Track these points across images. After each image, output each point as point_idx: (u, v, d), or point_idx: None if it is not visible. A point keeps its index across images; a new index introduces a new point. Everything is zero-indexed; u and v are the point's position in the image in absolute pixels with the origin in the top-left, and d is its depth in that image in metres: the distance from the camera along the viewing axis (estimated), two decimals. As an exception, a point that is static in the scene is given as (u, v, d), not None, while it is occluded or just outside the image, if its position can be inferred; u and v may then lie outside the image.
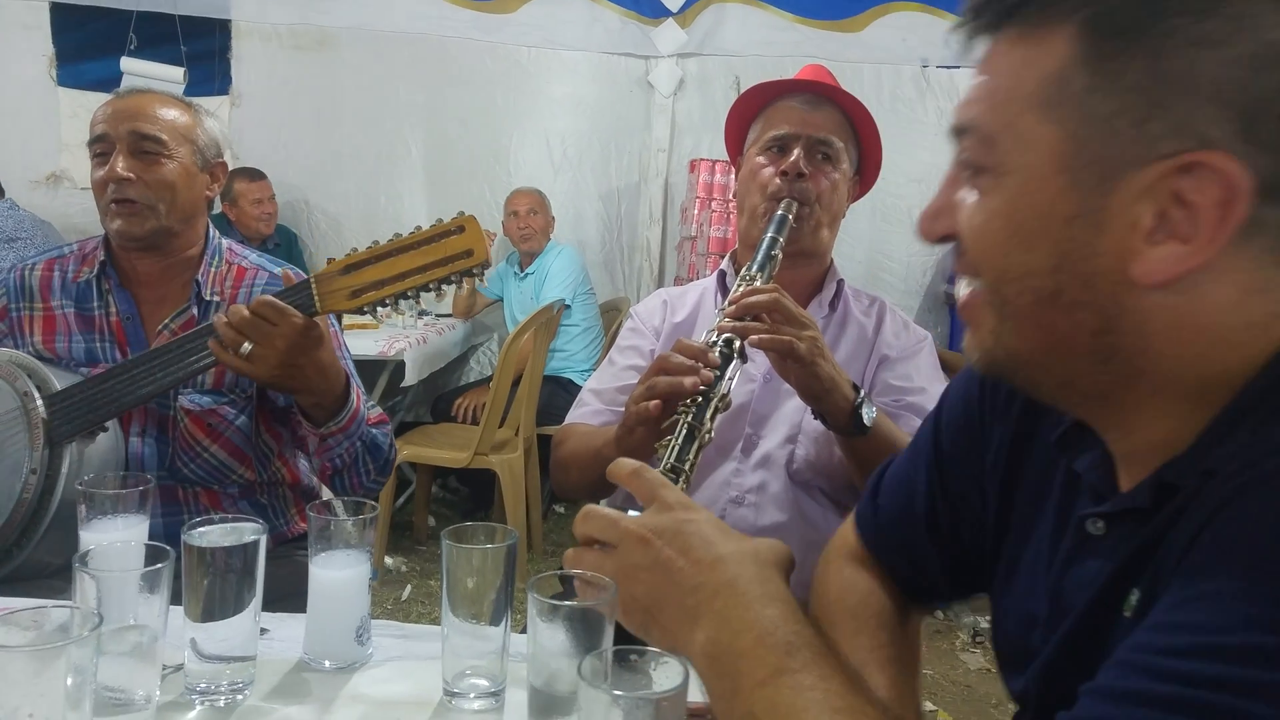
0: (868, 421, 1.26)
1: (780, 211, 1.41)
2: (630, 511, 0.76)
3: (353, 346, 1.70)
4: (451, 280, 1.25)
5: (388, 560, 3.48)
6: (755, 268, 1.34)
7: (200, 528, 0.93)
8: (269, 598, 0.96)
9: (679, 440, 1.08)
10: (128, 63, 4.07)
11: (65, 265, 1.57)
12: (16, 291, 1.56)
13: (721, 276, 1.61)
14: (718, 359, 1.18)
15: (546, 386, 3.65)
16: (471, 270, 1.24)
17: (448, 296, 3.98)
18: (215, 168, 1.59)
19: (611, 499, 1.44)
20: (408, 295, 1.26)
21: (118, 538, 1.03)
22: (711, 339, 1.22)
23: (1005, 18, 0.63)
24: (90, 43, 4.19)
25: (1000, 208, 0.63)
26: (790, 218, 1.40)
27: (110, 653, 0.79)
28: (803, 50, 4.13)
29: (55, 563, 1.29)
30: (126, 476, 1.09)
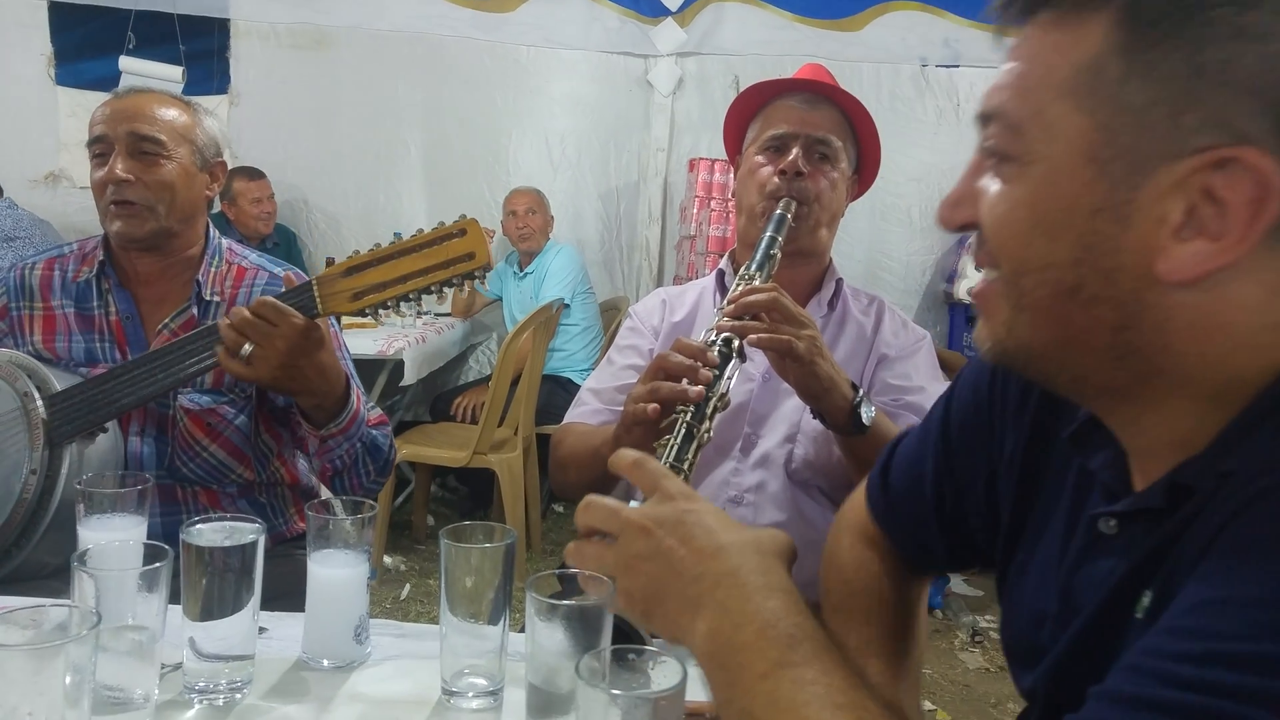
0: (866, 421, 1.26)
1: (779, 211, 1.41)
2: (631, 502, 0.76)
3: (351, 346, 1.70)
4: (453, 283, 1.25)
5: (386, 559, 3.48)
6: (754, 267, 1.34)
7: (199, 527, 0.93)
8: (268, 597, 0.96)
9: (678, 440, 1.08)
10: (126, 62, 4.06)
11: (65, 265, 1.57)
12: (17, 291, 1.56)
13: (720, 276, 1.60)
14: (716, 358, 1.18)
15: (545, 386, 3.65)
16: (473, 273, 1.24)
17: (447, 296, 3.97)
18: (214, 167, 1.59)
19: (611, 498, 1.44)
20: (409, 298, 1.26)
21: (116, 537, 1.02)
22: (710, 338, 1.22)
23: (1040, 3, 0.62)
24: (89, 42, 4.19)
25: (1024, 197, 0.62)
26: (789, 217, 1.40)
27: (109, 651, 0.79)
28: (801, 49, 4.13)
29: (54, 563, 1.29)
30: (125, 476, 1.09)
